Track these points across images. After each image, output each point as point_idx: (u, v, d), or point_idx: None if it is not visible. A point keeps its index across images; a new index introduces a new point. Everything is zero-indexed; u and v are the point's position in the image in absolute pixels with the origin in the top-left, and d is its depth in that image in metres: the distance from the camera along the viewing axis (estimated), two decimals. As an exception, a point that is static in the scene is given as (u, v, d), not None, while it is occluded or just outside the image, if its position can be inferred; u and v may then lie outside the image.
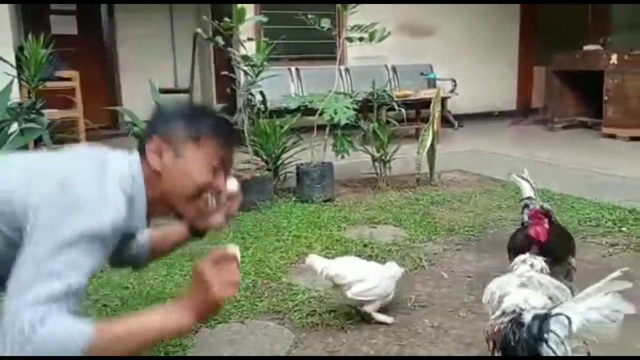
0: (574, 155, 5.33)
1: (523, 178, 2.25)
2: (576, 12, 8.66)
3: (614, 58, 6.28)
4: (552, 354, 1.32)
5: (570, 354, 1.33)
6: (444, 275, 2.58)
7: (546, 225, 1.90)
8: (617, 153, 5.62)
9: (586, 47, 7.04)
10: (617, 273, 1.30)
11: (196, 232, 1.51)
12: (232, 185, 1.50)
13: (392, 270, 2.17)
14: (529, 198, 2.12)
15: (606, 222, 3.28)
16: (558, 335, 1.32)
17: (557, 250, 1.92)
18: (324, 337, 2.00)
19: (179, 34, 8.05)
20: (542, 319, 1.35)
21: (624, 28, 8.42)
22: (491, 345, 1.50)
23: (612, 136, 6.31)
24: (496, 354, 1.47)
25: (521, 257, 1.71)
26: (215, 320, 2.09)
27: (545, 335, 1.33)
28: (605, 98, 6.38)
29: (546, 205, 2.02)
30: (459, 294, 2.37)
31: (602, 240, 3.00)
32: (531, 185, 2.22)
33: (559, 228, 2.05)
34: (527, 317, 1.40)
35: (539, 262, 1.67)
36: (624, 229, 3.16)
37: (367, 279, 2.05)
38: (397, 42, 7.47)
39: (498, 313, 1.49)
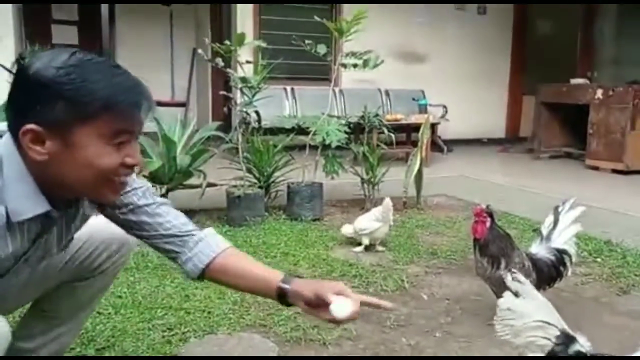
0: (557, 185, 5.49)
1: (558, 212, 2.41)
2: (566, 45, 8.95)
3: (599, 93, 6.49)
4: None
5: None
6: (424, 297, 2.70)
7: (487, 225, 2.11)
8: (599, 185, 5.80)
9: (573, 81, 7.28)
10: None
11: (285, 302, 1.33)
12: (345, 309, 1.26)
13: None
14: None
15: (582, 252, 3.40)
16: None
17: (493, 249, 2.12)
18: (305, 351, 2.11)
19: (178, 47, 8.21)
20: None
21: (610, 64, 8.70)
22: None
23: (596, 168, 6.50)
24: None
25: None
26: (203, 331, 2.20)
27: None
28: (590, 131, 6.58)
29: (491, 207, 2.22)
30: (436, 315, 2.49)
31: (577, 269, 3.13)
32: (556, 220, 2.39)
33: (500, 231, 2.23)
34: None
35: None
36: (598, 259, 3.30)
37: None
38: (391, 68, 7.67)
39: None
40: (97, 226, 1.47)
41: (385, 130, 4.69)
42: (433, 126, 7.35)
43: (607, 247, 3.48)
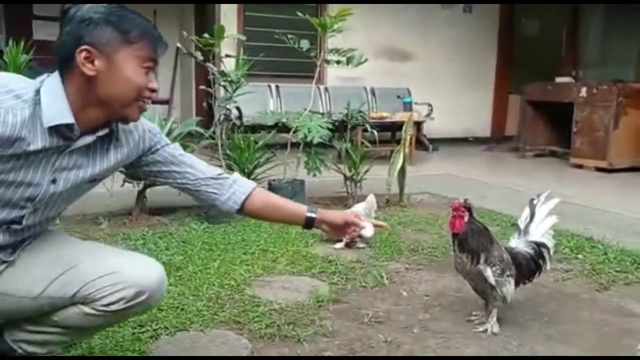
0: (541, 184, 5.47)
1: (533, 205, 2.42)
2: (551, 44, 8.99)
3: (583, 91, 6.51)
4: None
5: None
6: (403, 294, 2.66)
7: (465, 219, 2.12)
8: (582, 183, 5.81)
9: (558, 79, 7.30)
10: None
11: (309, 227, 1.68)
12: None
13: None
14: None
15: (564, 248, 3.40)
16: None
17: (472, 244, 2.13)
18: (279, 348, 2.06)
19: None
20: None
21: (595, 63, 8.75)
22: None
23: (580, 166, 6.51)
24: None
25: None
26: (175, 328, 2.14)
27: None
28: (574, 129, 6.60)
29: (469, 201, 2.21)
30: (415, 311, 2.45)
31: (558, 265, 3.12)
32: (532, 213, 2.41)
33: (478, 225, 2.21)
34: None
35: None
36: (579, 256, 3.29)
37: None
38: (377, 65, 7.66)
39: None
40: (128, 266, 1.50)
41: (369, 127, 4.65)
42: (418, 124, 7.34)
43: (588, 244, 3.47)
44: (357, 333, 2.20)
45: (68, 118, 1.34)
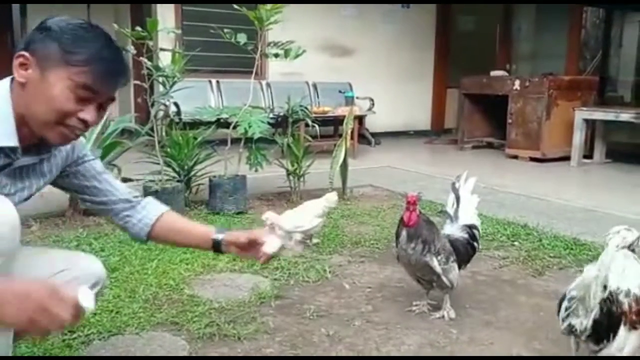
0: (479, 174, 5.55)
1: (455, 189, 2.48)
2: (486, 39, 9.25)
3: (516, 84, 6.72)
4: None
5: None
6: (346, 286, 2.66)
7: (417, 213, 2.20)
8: (518, 172, 6.00)
9: (493, 73, 7.50)
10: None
11: (219, 251, 1.55)
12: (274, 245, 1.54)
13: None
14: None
15: (501, 236, 3.49)
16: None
17: (426, 234, 2.19)
18: (219, 347, 2.01)
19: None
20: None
21: (526, 57, 9.07)
22: None
23: (515, 157, 6.73)
24: None
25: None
26: (109, 332, 2.06)
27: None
28: (509, 121, 6.80)
29: (421, 195, 2.30)
30: (357, 304, 2.45)
31: (496, 253, 3.20)
32: (457, 196, 2.45)
33: (425, 216, 2.28)
34: None
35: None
36: (516, 243, 3.38)
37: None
38: (319, 61, 7.67)
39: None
40: (77, 259, 1.57)
41: (309, 122, 4.63)
42: (360, 119, 7.39)
43: (524, 231, 3.58)
44: (298, 328, 2.18)
45: (12, 140, 1.27)
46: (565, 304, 1.72)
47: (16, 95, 1.27)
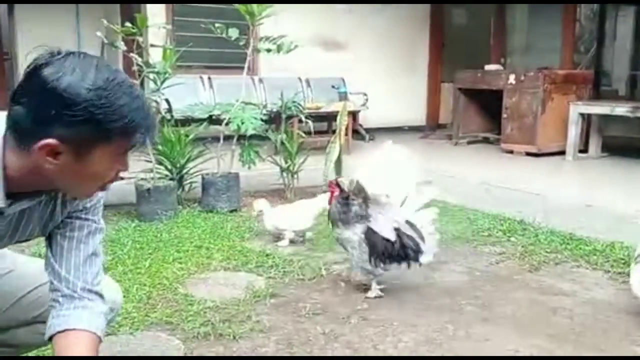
0: (474, 169, 5.61)
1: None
2: (481, 33, 9.22)
3: (511, 78, 6.69)
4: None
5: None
6: (341, 284, 2.63)
7: (336, 194, 2.51)
8: (513, 167, 5.98)
9: (487, 67, 7.47)
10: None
11: None
12: None
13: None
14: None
15: (497, 232, 3.48)
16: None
17: (335, 210, 2.50)
18: (214, 347, 1.98)
19: (86, 36, 7.72)
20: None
21: (521, 51, 9.05)
22: None
23: (510, 151, 6.70)
24: None
25: None
26: (101, 333, 2.02)
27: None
28: (504, 115, 6.77)
29: (341, 179, 2.65)
30: (352, 301, 2.42)
31: (492, 249, 3.18)
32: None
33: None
34: None
35: None
36: (512, 238, 3.37)
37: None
38: (311, 56, 7.61)
39: None
40: None
41: (303, 118, 4.60)
42: (354, 114, 7.34)
43: (520, 227, 3.56)
44: (294, 327, 2.16)
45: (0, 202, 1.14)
46: None
47: (29, 170, 1.10)
